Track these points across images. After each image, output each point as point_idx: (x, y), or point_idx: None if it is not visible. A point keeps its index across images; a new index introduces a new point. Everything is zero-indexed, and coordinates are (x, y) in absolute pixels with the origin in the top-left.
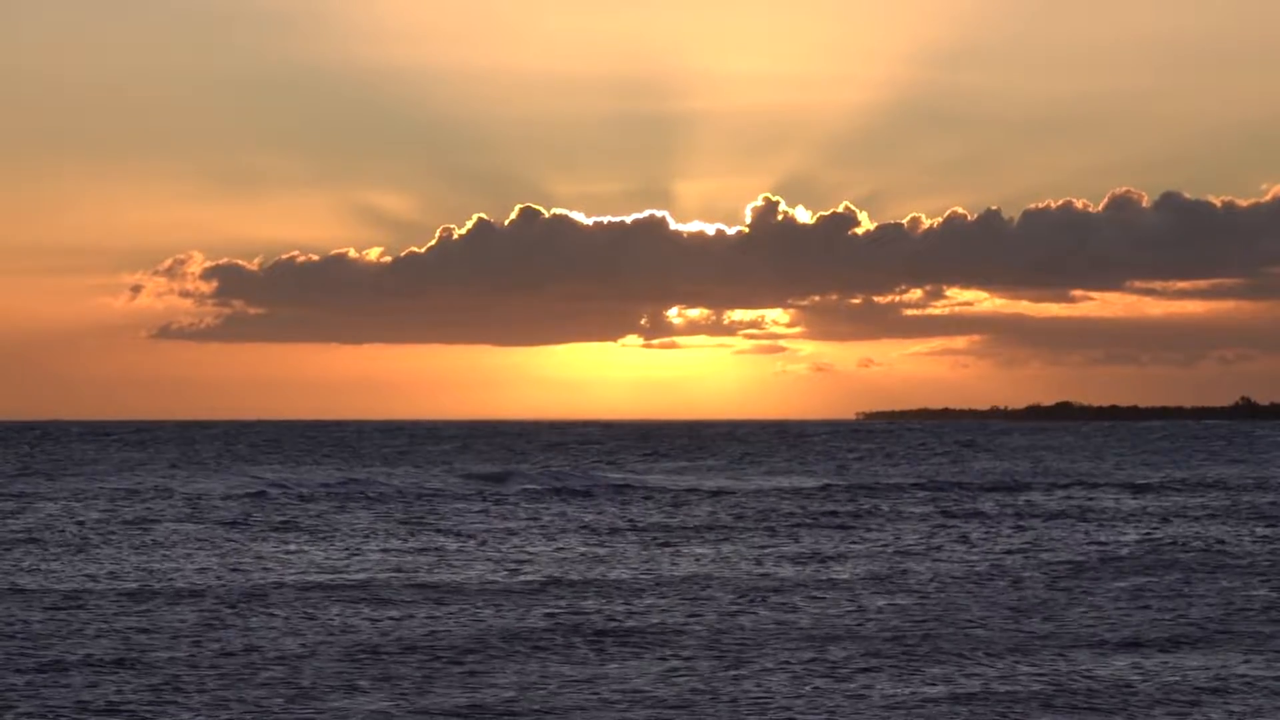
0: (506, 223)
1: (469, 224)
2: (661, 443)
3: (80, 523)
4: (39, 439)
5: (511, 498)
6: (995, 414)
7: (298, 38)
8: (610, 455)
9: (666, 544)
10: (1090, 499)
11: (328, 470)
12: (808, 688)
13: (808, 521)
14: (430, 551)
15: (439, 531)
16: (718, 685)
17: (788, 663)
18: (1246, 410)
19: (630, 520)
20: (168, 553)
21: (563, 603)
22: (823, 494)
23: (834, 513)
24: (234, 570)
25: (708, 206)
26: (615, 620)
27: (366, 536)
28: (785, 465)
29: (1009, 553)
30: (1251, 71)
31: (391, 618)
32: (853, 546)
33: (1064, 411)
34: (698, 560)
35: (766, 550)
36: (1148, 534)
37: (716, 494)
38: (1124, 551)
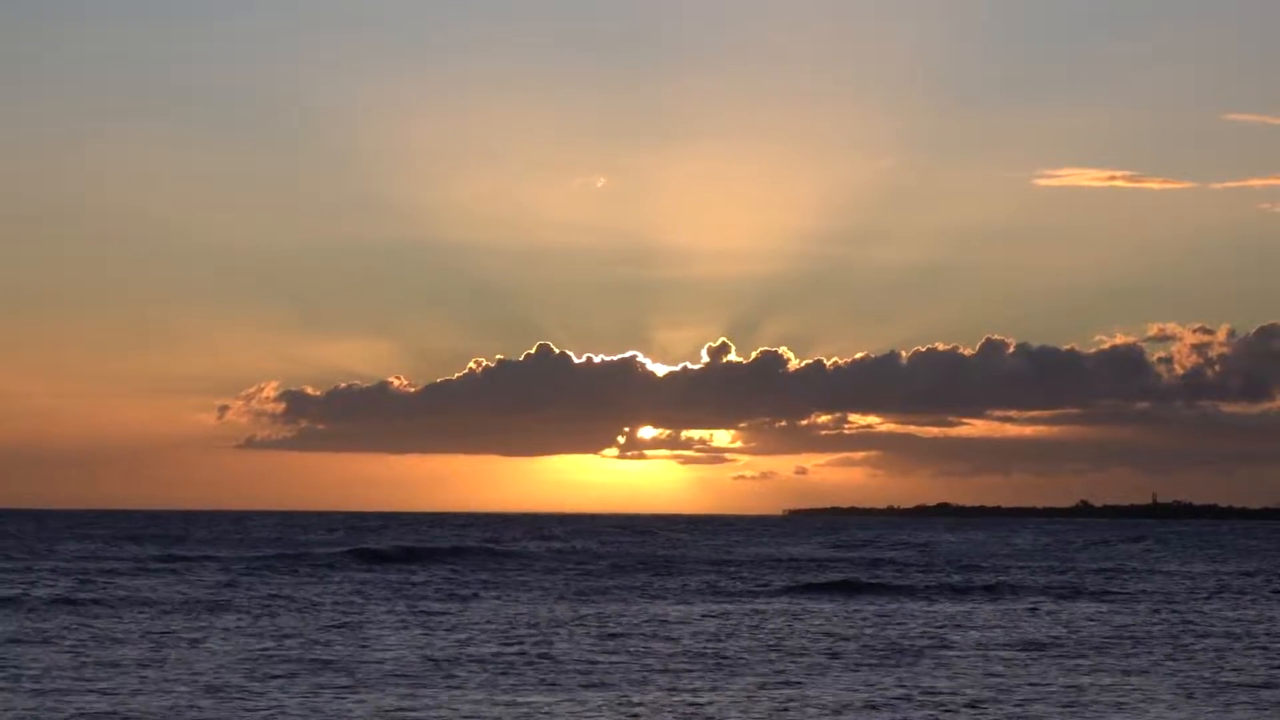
0: (522, 358)
1: (488, 362)
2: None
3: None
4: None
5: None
6: (890, 511)
7: (369, 218)
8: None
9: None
10: None
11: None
12: None
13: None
14: None
15: None
16: None
17: None
18: (1084, 510)
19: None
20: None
21: None
22: None
23: None
24: None
25: (673, 349)
26: None
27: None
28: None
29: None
30: (1081, 248)
31: None
32: None
33: (943, 510)
34: None
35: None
36: None
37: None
38: None
